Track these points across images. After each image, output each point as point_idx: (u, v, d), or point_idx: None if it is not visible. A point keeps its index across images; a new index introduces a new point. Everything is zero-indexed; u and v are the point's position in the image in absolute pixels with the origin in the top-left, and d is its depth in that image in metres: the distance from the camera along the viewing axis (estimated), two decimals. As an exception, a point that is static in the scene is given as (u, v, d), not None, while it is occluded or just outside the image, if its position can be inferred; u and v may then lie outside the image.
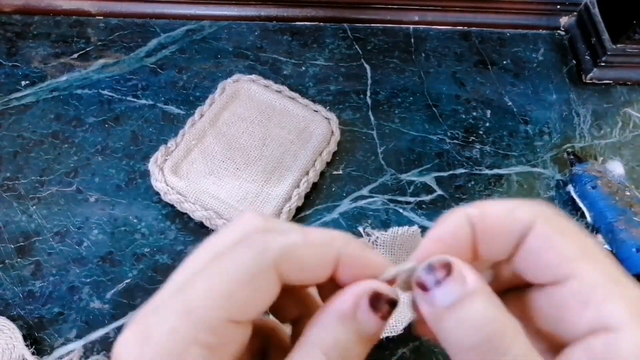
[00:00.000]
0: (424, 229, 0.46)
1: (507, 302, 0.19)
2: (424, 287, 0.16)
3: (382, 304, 0.17)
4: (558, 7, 0.60)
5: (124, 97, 0.53)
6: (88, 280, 0.43)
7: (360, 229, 0.45)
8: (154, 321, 0.15)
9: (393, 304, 0.17)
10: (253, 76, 0.52)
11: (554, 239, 0.16)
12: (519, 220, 0.17)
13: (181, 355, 0.15)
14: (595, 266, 0.16)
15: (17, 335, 0.38)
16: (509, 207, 0.17)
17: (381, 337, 0.39)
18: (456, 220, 0.17)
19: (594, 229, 0.47)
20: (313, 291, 0.20)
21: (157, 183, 0.45)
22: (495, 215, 0.17)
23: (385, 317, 0.17)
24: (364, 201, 0.48)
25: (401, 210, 0.47)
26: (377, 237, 0.43)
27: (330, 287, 0.18)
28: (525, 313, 0.18)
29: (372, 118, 0.53)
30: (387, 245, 0.43)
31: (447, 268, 0.16)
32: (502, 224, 0.17)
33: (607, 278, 0.15)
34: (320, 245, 0.17)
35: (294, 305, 0.20)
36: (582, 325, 0.15)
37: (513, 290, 0.19)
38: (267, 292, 0.16)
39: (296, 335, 0.18)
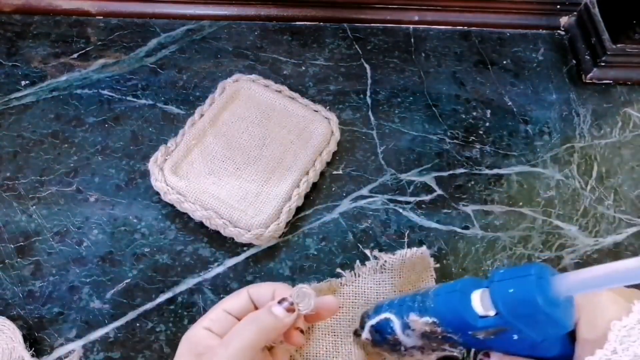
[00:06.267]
0: (423, 229, 0.46)
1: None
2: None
3: (285, 303, 0.33)
4: (558, 7, 0.60)
5: (123, 97, 0.53)
6: (88, 280, 0.43)
7: (367, 251, 0.43)
8: None
9: (292, 303, 0.33)
10: (253, 76, 0.52)
11: None
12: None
13: None
14: None
15: (17, 335, 0.38)
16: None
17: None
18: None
19: None
20: None
21: (157, 183, 0.45)
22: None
23: (289, 310, 0.33)
24: (363, 201, 0.48)
25: (401, 210, 0.47)
26: (385, 261, 0.42)
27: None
28: None
29: (372, 118, 0.53)
30: (396, 268, 0.42)
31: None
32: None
33: None
34: (237, 292, 0.35)
35: None
36: None
37: None
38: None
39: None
